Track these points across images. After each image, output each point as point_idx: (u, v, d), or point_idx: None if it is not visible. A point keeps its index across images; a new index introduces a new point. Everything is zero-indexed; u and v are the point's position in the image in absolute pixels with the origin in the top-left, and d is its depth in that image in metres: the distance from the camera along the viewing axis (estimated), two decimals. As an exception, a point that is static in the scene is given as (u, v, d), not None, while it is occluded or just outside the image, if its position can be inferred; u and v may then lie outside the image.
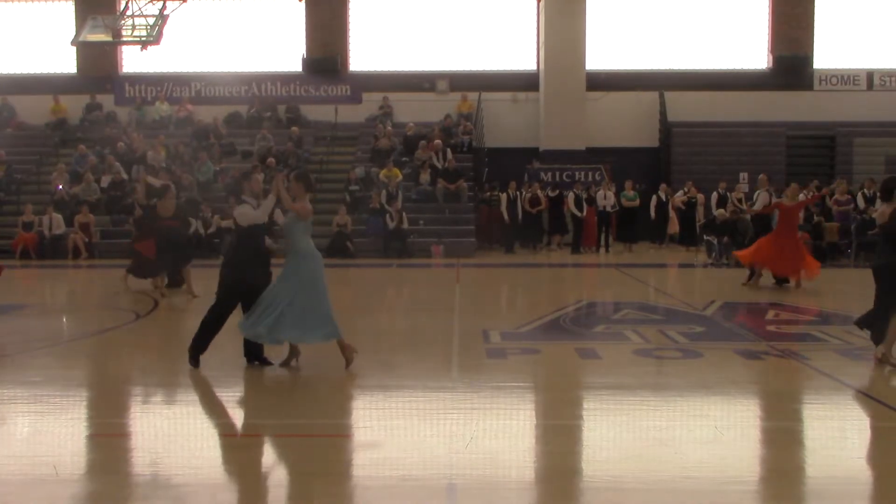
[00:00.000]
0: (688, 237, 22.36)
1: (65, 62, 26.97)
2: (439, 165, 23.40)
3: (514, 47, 26.94)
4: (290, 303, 8.00)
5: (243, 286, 8.26)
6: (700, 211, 22.50)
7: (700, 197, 22.80)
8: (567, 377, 8.43)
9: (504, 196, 22.86)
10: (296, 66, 26.83)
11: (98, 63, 26.68)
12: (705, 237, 20.23)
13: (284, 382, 8.08)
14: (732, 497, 5.10)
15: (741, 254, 15.13)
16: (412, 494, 5.17)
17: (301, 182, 8.44)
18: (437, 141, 23.83)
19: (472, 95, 26.17)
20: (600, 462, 5.82)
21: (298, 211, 8.18)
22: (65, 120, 26.44)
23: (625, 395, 7.50)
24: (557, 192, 23.25)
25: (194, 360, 8.27)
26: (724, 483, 5.32)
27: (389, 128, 25.25)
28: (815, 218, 20.72)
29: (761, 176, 16.47)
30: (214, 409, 7.45)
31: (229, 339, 8.62)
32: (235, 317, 8.39)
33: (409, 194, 22.83)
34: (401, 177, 23.06)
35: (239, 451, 6.15)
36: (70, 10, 26.84)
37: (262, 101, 26.50)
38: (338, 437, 6.43)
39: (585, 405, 7.53)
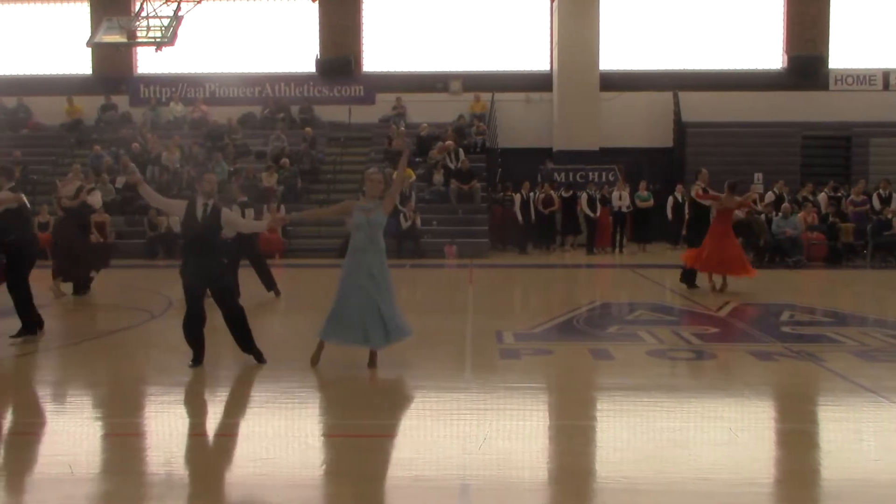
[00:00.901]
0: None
1: (80, 63, 27.11)
2: (452, 166, 23.40)
3: (528, 48, 26.91)
4: (388, 302, 8.16)
5: (185, 286, 8.40)
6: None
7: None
8: (580, 378, 8.40)
9: (517, 196, 22.84)
10: (309, 66, 26.89)
11: (113, 64, 26.83)
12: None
13: (297, 383, 8.09)
14: (747, 499, 5.08)
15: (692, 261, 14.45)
16: (425, 495, 5.17)
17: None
18: (450, 142, 23.83)
19: (486, 96, 26.16)
20: (614, 463, 5.80)
21: (387, 205, 8.37)
22: (80, 121, 26.57)
23: (638, 397, 7.47)
24: (571, 192, 23.20)
25: (193, 361, 8.39)
26: (739, 485, 5.29)
27: (403, 128, 25.27)
28: (831, 218, 20.61)
29: (702, 171, 15.96)
30: (228, 409, 7.47)
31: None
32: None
33: (422, 195, 22.84)
34: (414, 177, 23.06)
35: (252, 451, 6.16)
36: (85, 11, 27.00)
37: (275, 102, 26.57)
38: (351, 437, 6.44)
39: (599, 406, 7.51)
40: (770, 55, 26.78)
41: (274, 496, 5.30)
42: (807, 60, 26.22)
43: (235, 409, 7.46)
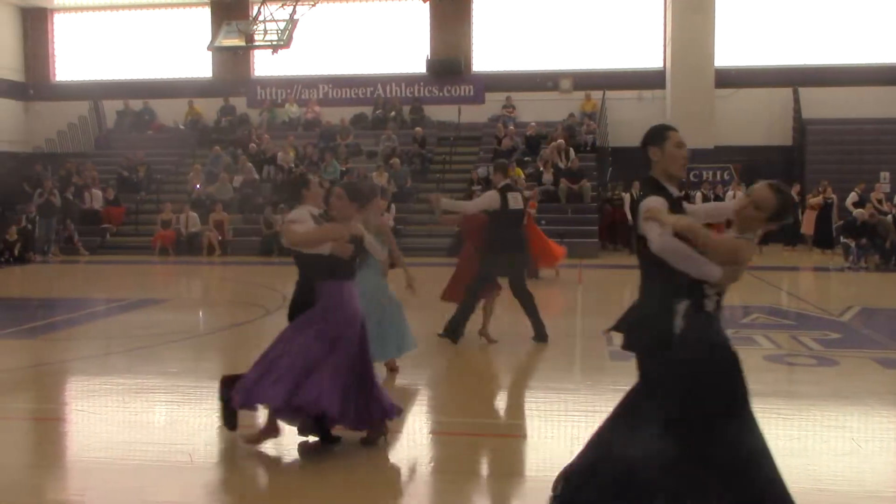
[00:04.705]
0: (823, 239, 21.42)
1: (201, 67, 28.11)
2: (562, 165, 23.24)
3: (640, 44, 26.44)
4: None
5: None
6: (836, 212, 21.52)
7: (834, 197, 21.80)
8: (693, 382, 8.19)
9: (627, 196, 22.48)
10: (420, 67, 27.14)
11: (232, 67, 27.73)
12: (842, 239, 19.34)
13: (406, 380, 8.17)
14: (870, 513, 4.87)
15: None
16: (531, 495, 5.14)
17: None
18: (561, 140, 23.66)
19: (596, 94, 25.84)
20: (728, 470, 5.63)
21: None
22: (201, 122, 27.58)
23: (754, 403, 7.23)
24: (683, 192, 22.68)
25: None
26: (861, 498, 5.08)
27: (512, 127, 25.23)
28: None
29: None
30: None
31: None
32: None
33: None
34: (524, 176, 22.99)
35: (362, 448, 6.24)
36: (206, 16, 27.98)
37: (386, 103, 26.93)
38: (458, 434, 6.46)
39: (712, 411, 7.30)
40: (898, 48, 25.54)
41: (382, 491, 5.37)
42: (939, 53, 24.88)
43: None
